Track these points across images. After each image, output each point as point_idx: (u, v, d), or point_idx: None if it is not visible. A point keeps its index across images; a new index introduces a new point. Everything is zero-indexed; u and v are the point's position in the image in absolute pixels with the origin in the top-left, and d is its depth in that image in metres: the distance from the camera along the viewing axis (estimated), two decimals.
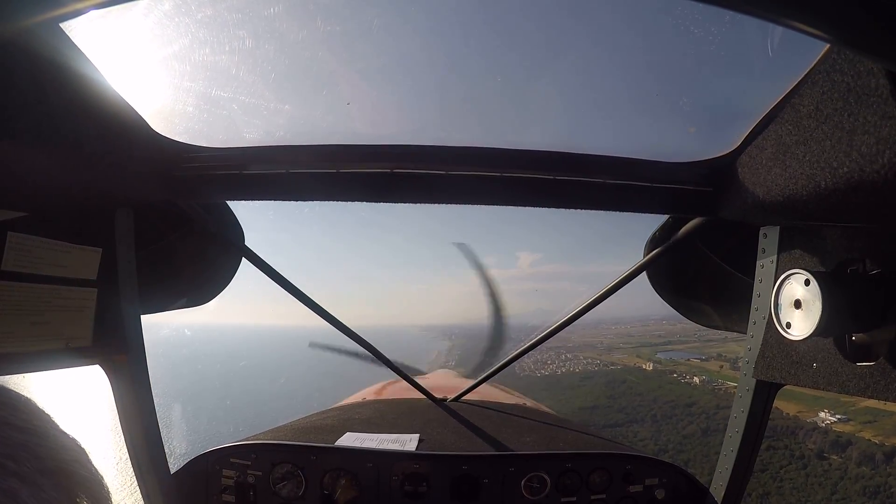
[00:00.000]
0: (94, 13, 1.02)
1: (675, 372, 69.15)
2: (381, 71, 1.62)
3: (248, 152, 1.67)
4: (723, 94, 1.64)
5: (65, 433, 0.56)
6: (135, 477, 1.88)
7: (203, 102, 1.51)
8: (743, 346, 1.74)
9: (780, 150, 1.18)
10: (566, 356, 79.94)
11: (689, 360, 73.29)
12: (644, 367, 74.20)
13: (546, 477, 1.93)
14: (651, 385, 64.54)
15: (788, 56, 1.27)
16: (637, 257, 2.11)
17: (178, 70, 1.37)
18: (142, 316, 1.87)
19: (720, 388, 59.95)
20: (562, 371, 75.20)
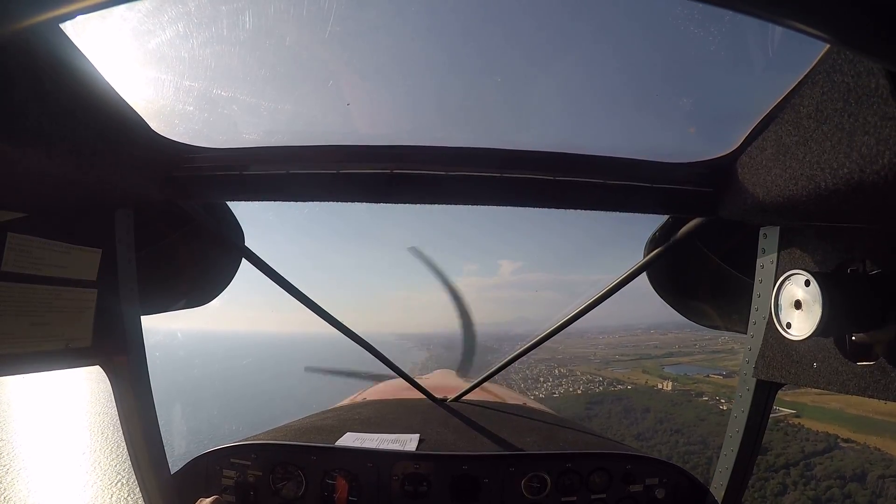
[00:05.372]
0: (94, 14, 1.02)
1: (703, 394, 54.25)
2: (381, 71, 1.62)
3: (248, 153, 1.67)
4: (723, 94, 1.64)
5: None
6: (135, 477, 1.88)
7: (203, 103, 1.51)
8: (743, 347, 1.74)
9: (781, 150, 1.18)
10: (559, 371, 66.90)
11: (708, 376, 59.77)
12: (661, 386, 59.43)
13: (546, 477, 1.93)
14: (686, 416, 47.52)
15: (788, 56, 1.27)
16: (622, 267, 2.12)
17: (178, 71, 1.37)
18: (141, 317, 1.87)
19: (785, 423, 41.93)
20: (560, 392, 59.43)
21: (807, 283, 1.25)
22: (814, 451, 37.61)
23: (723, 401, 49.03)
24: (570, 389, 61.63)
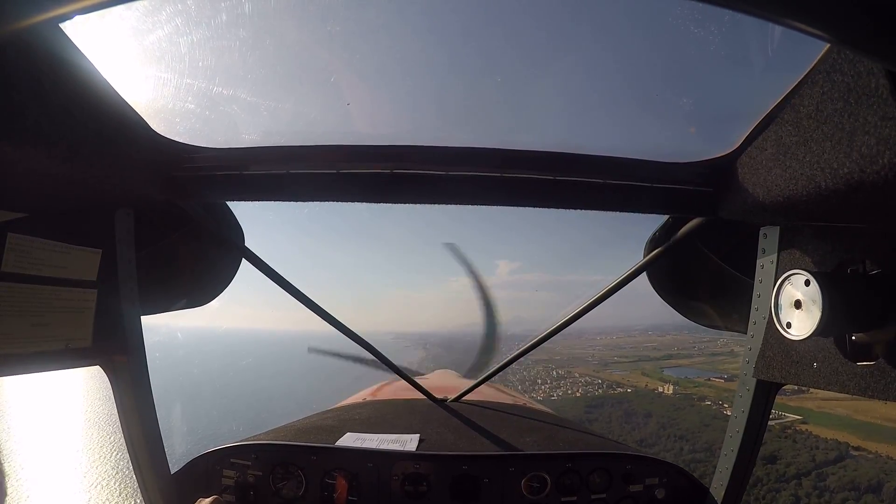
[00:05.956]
0: (93, 14, 1.02)
1: (705, 398, 52.12)
2: (381, 71, 1.62)
3: (248, 152, 1.67)
4: (723, 94, 1.64)
5: None
6: (135, 477, 1.88)
7: (203, 103, 1.51)
8: (743, 347, 1.74)
9: (781, 150, 1.18)
10: (557, 372, 65.75)
11: (709, 379, 58.13)
12: (661, 390, 57.66)
13: (546, 477, 1.93)
14: (690, 421, 45.17)
15: (788, 56, 1.27)
16: (621, 268, 2.13)
17: (178, 71, 1.37)
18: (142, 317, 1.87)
19: (793, 430, 40.20)
20: (558, 395, 57.46)
21: (807, 283, 1.25)
22: (825, 459, 36.27)
23: (726, 405, 45.81)
24: (569, 392, 59.72)
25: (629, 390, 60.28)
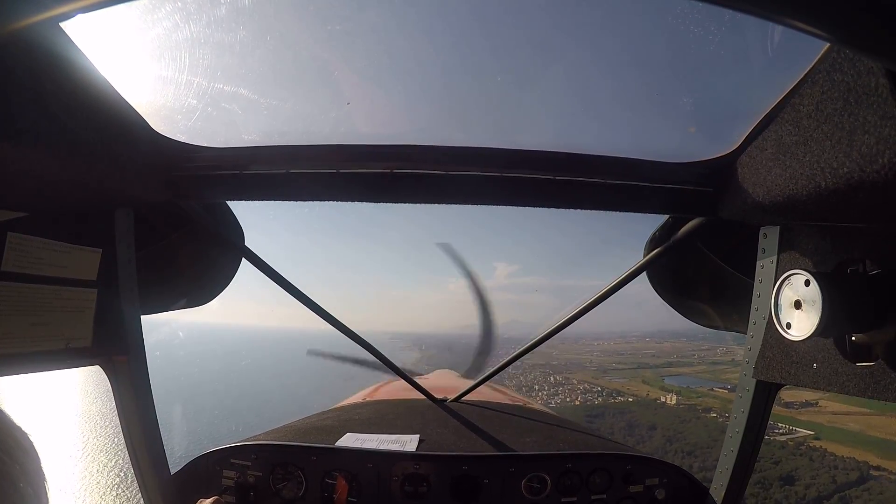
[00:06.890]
0: (94, 13, 1.02)
1: (710, 409, 49.82)
2: (381, 71, 1.62)
3: (248, 152, 1.67)
4: (723, 94, 1.64)
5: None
6: (135, 477, 1.88)
7: (203, 102, 1.51)
8: (743, 347, 1.74)
9: (780, 150, 1.18)
10: (555, 378, 63.54)
11: (712, 389, 56.51)
12: (664, 400, 55.53)
13: (546, 477, 1.93)
14: (697, 435, 42.83)
15: (788, 56, 1.27)
16: (618, 272, 2.12)
17: (178, 69, 1.37)
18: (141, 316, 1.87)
19: (807, 446, 38.43)
20: (556, 402, 54.72)
21: (807, 283, 1.25)
22: (846, 481, 34.22)
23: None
24: (567, 400, 57.82)
25: (630, 399, 58.44)
